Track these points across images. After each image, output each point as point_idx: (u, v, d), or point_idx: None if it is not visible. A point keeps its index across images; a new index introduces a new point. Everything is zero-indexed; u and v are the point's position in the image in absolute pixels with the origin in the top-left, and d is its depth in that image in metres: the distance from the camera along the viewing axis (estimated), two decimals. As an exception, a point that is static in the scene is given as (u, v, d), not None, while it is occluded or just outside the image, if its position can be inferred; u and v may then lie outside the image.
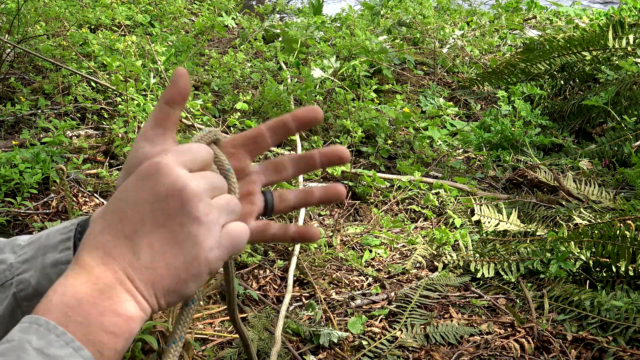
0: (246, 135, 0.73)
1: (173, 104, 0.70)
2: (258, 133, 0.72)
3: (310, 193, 0.75)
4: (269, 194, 0.74)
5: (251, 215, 0.73)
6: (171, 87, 0.70)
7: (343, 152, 0.73)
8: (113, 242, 0.57)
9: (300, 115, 0.72)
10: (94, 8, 4.54)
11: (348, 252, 2.51)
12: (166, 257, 0.58)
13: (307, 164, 0.74)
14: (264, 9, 5.32)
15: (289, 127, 0.72)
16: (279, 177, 0.75)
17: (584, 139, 3.71)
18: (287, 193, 0.75)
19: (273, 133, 0.72)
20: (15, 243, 0.76)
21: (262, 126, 0.72)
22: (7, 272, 0.73)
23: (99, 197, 2.68)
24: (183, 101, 0.71)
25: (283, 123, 0.72)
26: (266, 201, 0.74)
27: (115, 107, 3.25)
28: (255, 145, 0.73)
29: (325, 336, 1.98)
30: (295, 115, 0.72)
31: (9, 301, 0.72)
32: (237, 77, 3.98)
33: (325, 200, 0.75)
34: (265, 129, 0.72)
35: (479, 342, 2.02)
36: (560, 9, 6.38)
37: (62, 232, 0.74)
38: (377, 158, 3.37)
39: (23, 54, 3.78)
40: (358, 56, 4.16)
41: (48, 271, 0.71)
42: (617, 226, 2.26)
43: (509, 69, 4.27)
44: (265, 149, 0.73)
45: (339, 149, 0.73)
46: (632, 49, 3.82)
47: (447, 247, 2.57)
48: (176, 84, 0.70)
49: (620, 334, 1.98)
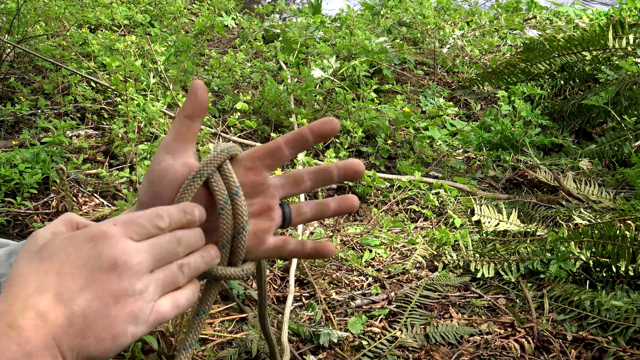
0: (264, 148, 0.74)
1: (193, 117, 0.71)
2: (276, 147, 0.73)
3: (325, 205, 0.77)
4: (287, 208, 0.76)
5: (269, 231, 0.74)
6: (190, 100, 0.71)
7: (358, 167, 0.75)
8: (49, 306, 0.57)
9: (318, 128, 0.73)
10: (93, 8, 4.54)
11: (348, 252, 2.51)
12: (97, 328, 0.58)
13: (325, 177, 0.76)
14: (264, 9, 5.32)
15: (306, 139, 0.73)
16: (297, 190, 0.76)
17: (584, 139, 3.71)
18: (304, 206, 0.77)
19: (290, 146, 0.74)
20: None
21: (280, 140, 0.74)
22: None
23: (99, 197, 2.68)
24: (203, 114, 0.72)
25: (301, 136, 0.73)
26: (284, 214, 0.76)
27: (115, 107, 3.25)
28: (273, 159, 0.73)
29: (325, 336, 1.98)
30: (312, 128, 0.73)
31: None
32: (237, 77, 3.98)
33: (340, 212, 0.77)
34: (283, 143, 0.73)
35: (479, 342, 2.02)
36: (560, 9, 6.38)
37: None
38: (377, 158, 3.37)
39: (23, 54, 3.78)
40: (358, 56, 4.16)
41: None
42: (617, 226, 2.26)
43: (509, 69, 4.27)
44: (283, 161, 0.74)
45: (354, 164, 0.75)
46: (632, 49, 3.82)
47: (447, 247, 2.57)
48: (195, 97, 0.71)
49: (620, 334, 1.98)
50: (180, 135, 0.71)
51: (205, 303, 0.74)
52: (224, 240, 0.72)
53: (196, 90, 0.71)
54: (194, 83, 0.71)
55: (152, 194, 0.70)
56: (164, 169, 0.70)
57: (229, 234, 0.71)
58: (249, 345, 1.90)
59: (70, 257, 0.59)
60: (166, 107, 3.19)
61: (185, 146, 0.71)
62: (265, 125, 3.54)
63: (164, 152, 0.71)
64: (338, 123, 0.73)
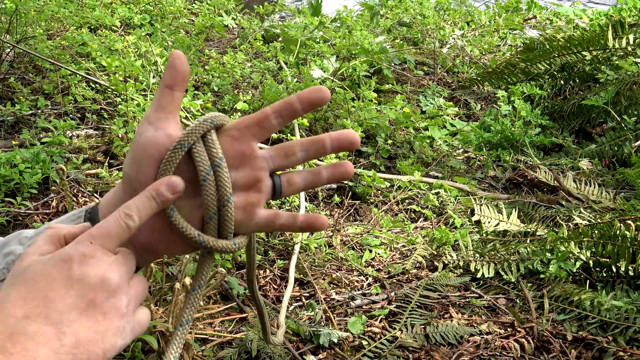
0: (251, 118, 0.71)
1: (174, 86, 0.70)
2: (263, 116, 0.70)
3: (317, 173, 0.74)
4: (277, 178, 0.73)
5: (259, 204, 0.72)
6: (169, 69, 0.69)
7: (353, 137, 0.72)
8: (39, 330, 0.57)
9: (306, 96, 0.70)
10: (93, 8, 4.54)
11: (348, 252, 2.51)
12: (89, 345, 0.59)
13: (317, 148, 0.72)
14: (264, 9, 5.32)
15: (294, 108, 0.70)
16: (287, 162, 0.73)
17: (584, 139, 3.71)
18: (295, 176, 0.74)
19: (278, 115, 0.71)
20: (22, 235, 0.78)
21: (268, 109, 0.71)
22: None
23: (99, 197, 2.68)
24: (183, 82, 0.70)
25: (289, 105, 0.70)
26: (274, 185, 0.72)
27: (115, 107, 3.25)
28: (261, 128, 0.71)
29: (325, 336, 1.98)
30: (300, 96, 0.70)
31: None
32: (237, 77, 3.98)
33: (333, 179, 0.74)
34: (270, 112, 0.70)
35: (479, 342, 2.02)
36: (560, 9, 6.38)
37: (71, 218, 0.76)
38: (377, 158, 3.37)
39: (23, 54, 3.78)
40: (358, 56, 4.16)
41: None
42: (617, 226, 2.26)
43: (509, 69, 4.27)
44: (271, 131, 0.71)
45: (349, 133, 0.72)
46: (632, 49, 3.82)
47: (447, 247, 2.57)
48: (174, 66, 0.69)
49: (620, 334, 1.98)
50: (161, 105, 0.69)
51: (200, 278, 0.73)
52: (210, 212, 0.70)
53: (174, 59, 0.69)
54: (173, 53, 0.69)
55: (136, 167, 0.69)
56: (145, 141, 0.68)
57: (214, 205, 0.69)
58: (249, 345, 1.90)
59: (55, 280, 0.60)
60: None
61: (167, 116, 0.69)
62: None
63: (146, 124, 0.69)
64: (328, 91, 0.70)
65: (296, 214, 0.74)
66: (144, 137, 0.69)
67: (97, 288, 0.60)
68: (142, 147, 0.69)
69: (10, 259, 0.76)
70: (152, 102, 0.70)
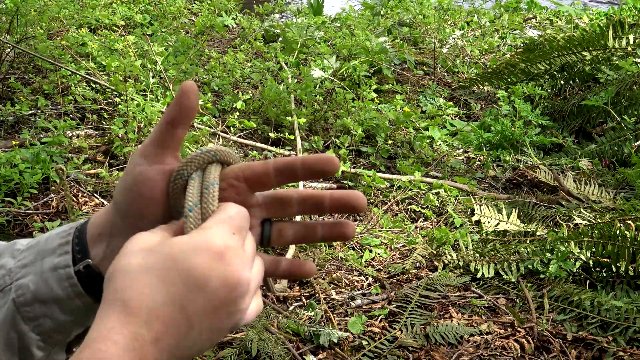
0: (252, 170, 0.67)
1: (177, 125, 0.65)
2: (264, 172, 0.66)
3: (312, 230, 0.70)
4: (267, 228, 0.69)
5: None
6: (175, 105, 0.64)
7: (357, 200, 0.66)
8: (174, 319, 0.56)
9: (310, 164, 0.65)
10: (93, 8, 4.54)
11: (348, 252, 2.51)
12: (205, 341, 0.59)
13: (316, 205, 0.68)
14: (264, 9, 5.32)
15: (296, 173, 0.66)
16: (282, 213, 0.69)
17: (584, 139, 3.71)
18: (288, 228, 0.70)
19: (279, 173, 0.66)
20: (14, 247, 0.74)
21: (270, 165, 0.66)
22: (7, 278, 0.71)
23: (99, 197, 2.68)
24: (188, 121, 0.65)
25: (292, 167, 0.66)
26: (263, 233, 0.69)
27: (115, 107, 3.25)
28: (259, 184, 0.67)
29: (325, 336, 1.98)
30: (305, 162, 0.65)
31: (8, 306, 0.70)
32: (237, 77, 3.98)
33: (329, 239, 0.70)
34: (272, 169, 0.66)
35: (479, 342, 2.02)
36: (560, 8, 6.38)
37: (61, 235, 0.72)
38: (377, 158, 3.37)
39: (23, 54, 3.78)
40: (358, 56, 4.17)
41: (46, 275, 0.70)
42: (617, 226, 2.26)
43: (509, 69, 4.27)
44: (269, 189, 0.68)
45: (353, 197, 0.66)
46: (632, 49, 3.82)
47: (447, 247, 2.57)
48: (180, 103, 0.64)
49: (620, 334, 1.98)
50: (160, 141, 0.65)
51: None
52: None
53: (183, 94, 0.63)
54: (184, 85, 0.63)
55: (128, 198, 0.66)
56: (138, 174, 0.65)
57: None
58: (248, 345, 1.90)
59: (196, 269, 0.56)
60: (166, 107, 3.19)
61: (164, 152, 0.65)
62: (265, 125, 3.54)
63: (141, 156, 0.65)
64: (338, 163, 0.65)
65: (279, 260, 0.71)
66: (136, 170, 0.65)
67: (233, 287, 0.57)
68: (134, 179, 0.66)
69: (1, 273, 0.71)
70: (151, 135, 0.65)
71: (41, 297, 0.70)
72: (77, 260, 0.70)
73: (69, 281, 0.68)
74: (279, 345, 1.92)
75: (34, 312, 0.70)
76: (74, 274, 0.68)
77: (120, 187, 0.67)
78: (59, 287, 0.69)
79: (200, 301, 0.56)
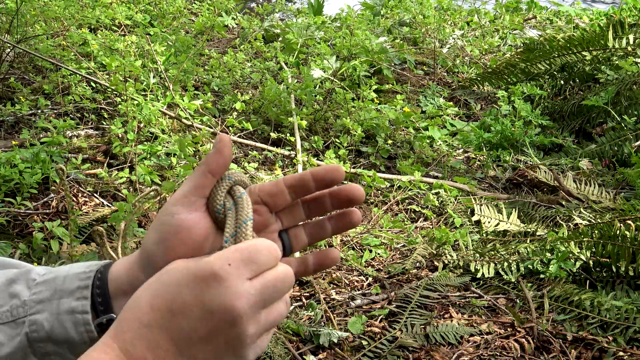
0: (266, 191, 0.72)
1: (216, 173, 0.69)
2: (278, 191, 0.72)
3: (322, 226, 0.75)
4: (286, 238, 0.75)
5: None
6: (215, 155, 0.68)
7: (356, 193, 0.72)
8: (158, 342, 0.57)
9: (320, 176, 0.71)
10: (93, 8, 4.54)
11: (348, 252, 2.51)
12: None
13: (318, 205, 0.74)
14: (263, 9, 5.32)
15: (308, 187, 0.72)
16: (294, 220, 0.75)
17: (584, 139, 3.71)
18: (301, 232, 0.75)
19: (292, 191, 0.72)
20: (29, 277, 0.74)
21: (282, 183, 0.72)
22: (20, 309, 0.71)
23: (99, 197, 2.68)
24: (225, 170, 0.70)
25: (303, 182, 0.71)
26: (284, 245, 0.74)
27: (115, 107, 3.25)
28: (275, 203, 0.72)
29: (325, 336, 1.98)
30: (315, 174, 0.71)
31: (20, 339, 0.70)
32: (237, 77, 3.98)
33: (339, 231, 0.75)
34: (285, 187, 0.72)
35: (479, 342, 2.01)
36: (560, 8, 6.38)
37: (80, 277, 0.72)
38: (377, 158, 3.37)
39: (23, 54, 3.78)
40: (358, 56, 4.16)
41: (62, 317, 0.70)
42: (617, 226, 2.26)
43: (509, 69, 4.27)
44: (285, 205, 0.73)
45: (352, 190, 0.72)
46: (632, 49, 3.82)
47: (447, 247, 2.57)
48: (221, 153, 0.69)
49: (620, 334, 1.98)
50: (200, 189, 0.69)
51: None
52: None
53: (222, 146, 0.68)
54: (221, 138, 0.69)
55: (164, 248, 0.67)
56: (178, 223, 0.67)
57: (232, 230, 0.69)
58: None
59: (182, 296, 0.58)
60: (166, 107, 3.19)
61: (202, 200, 0.69)
62: (265, 125, 3.54)
63: (178, 204, 0.68)
64: (343, 171, 0.71)
65: (306, 258, 0.75)
66: (177, 219, 0.67)
67: (221, 316, 0.58)
68: (175, 229, 0.67)
69: (15, 304, 0.71)
70: (188, 183, 0.69)
71: (55, 337, 0.70)
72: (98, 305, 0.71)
73: (85, 327, 0.70)
74: (279, 345, 1.92)
75: (46, 349, 0.71)
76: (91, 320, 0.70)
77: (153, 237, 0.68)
78: (74, 331, 0.70)
79: (185, 327, 0.58)
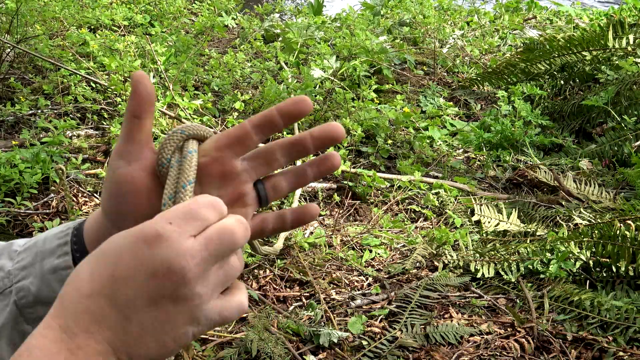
0: (230, 135, 0.66)
1: (141, 115, 0.65)
2: (243, 132, 0.66)
3: (303, 174, 0.70)
4: (262, 188, 0.69)
5: (247, 217, 0.68)
6: (133, 97, 0.64)
7: (335, 130, 0.66)
8: (103, 311, 0.54)
9: (286, 109, 0.65)
10: (93, 8, 4.54)
11: (348, 252, 2.51)
12: (155, 335, 0.55)
13: (299, 150, 0.68)
14: (264, 9, 5.32)
15: (275, 123, 0.66)
16: (269, 169, 0.69)
17: (584, 139, 3.71)
18: (280, 180, 0.70)
19: (259, 130, 0.66)
20: (11, 249, 0.74)
21: (247, 124, 0.66)
22: (6, 280, 0.71)
23: (99, 197, 2.68)
24: (150, 108, 0.65)
25: (269, 118, 0.66)
26: (259, 195, 0.69)
27: (115, 107, 3.25)
28: (241, 146, 0.67)
29: (325, 336, 1.98)
30: (280, 109, 0.65)
31: (10, 309, 0.71)
32: (237, 77, 3.98)
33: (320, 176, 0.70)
34: (250, 127, 0.66)
35: (479, 342, 2.02)
36: (560, 8, 6.38)
37: (58, 236, 0.72)
38: (377, 158, 3.37)
39: (23, 54, 3.78)
40: (358, 56, 4.16)
41: (47, 277, 0.70)
42: (617, 226, 2.26)
43: (509, 69, 4.27)
44: (253, 147, 0.67)
45: (330, 127, 0.66)
46: (632, 49, 3.82)
47: (447, 247, 2.57)
48: (137, 93, 0.64)
49: (620, 334, 1.98)
50: (129, 136, 0.65)
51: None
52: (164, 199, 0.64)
53: (137, 84, 0.63)
54: (134, 75, 0.63)
55: (114, 203, 0.66)
56: (119, 177, 0.65)
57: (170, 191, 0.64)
58: (248, 345, 1.90)
59: (123, 259, 0.55)
60: (166, 107, 3.19)
61: (140, 149, 0.65)
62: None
63: (117, 158, 0.65)
64: (310, 102, 0.65)
65: (284, 212, 0.71)
66: (117, 173, 0.65)
67: (168, 275, 0.54)
68: (117, 184, 0.65)
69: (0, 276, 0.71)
70: (121, 134, 0.65)
71: (43, 298, 0.70)
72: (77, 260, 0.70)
73: None
74: (279, 345, 1.92)
75: (37, 313, 0.70)
76: None
77: (105, 195, 0.67)
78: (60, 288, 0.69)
79: (130, 292, 0.54)
